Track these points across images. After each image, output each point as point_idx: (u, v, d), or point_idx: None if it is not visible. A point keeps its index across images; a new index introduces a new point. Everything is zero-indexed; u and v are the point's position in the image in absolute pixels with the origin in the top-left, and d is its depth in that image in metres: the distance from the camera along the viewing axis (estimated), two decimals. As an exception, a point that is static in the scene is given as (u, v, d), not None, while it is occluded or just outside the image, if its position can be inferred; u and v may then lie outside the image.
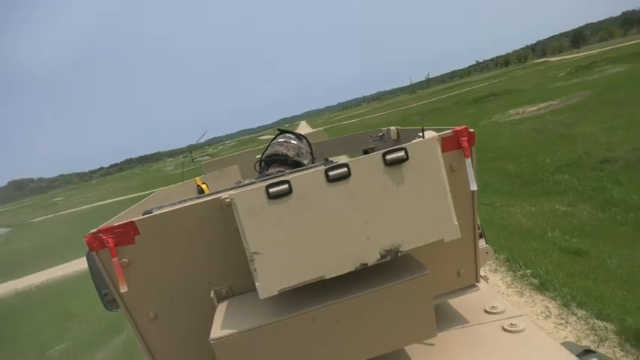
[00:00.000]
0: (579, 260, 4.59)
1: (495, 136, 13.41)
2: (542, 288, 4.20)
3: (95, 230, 1.29)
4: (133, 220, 1.31)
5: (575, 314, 3.70)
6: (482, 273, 1.79)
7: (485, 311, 1.63)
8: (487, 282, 1.97)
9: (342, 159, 1.45)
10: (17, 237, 24.68)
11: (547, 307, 3.87)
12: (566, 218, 6.03)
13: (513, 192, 7.98)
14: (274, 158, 2.20)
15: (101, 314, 7.12)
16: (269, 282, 1.17)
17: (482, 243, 1.93)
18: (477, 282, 1.62)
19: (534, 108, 17.58)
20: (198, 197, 1.58)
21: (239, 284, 1.42)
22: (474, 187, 1.42)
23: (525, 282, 4.41)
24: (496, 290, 1.88)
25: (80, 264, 11.58)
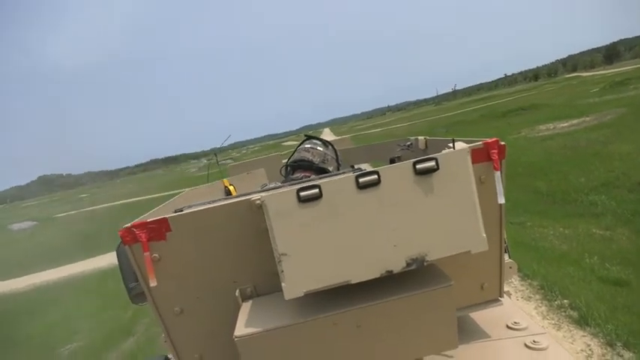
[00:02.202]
0: (621, 292, 4.23)
1: (525, 152, 12.94)
2: (581, 322, 3.86)
3: (129, 225, 1.33)
4: (165, 216, 1.34)
5: (622, 356, 3.36)
6: (505, 288, 1.71)
7: (508, 327, 1.61)
8: (510, 297, 1.93)
9: (368, 167, 1.35)
10: (42, 231, 25.16)
11: (588, 345, 3.55)
12: (603, 243, 5.65)
13: (545, 211, 7.59)
14: (300, 164, 2.22)
15: (113, 315, 7.04)
16: (295, 284, 1.18)
17: (505, 257, 1.84)
18: (500, 296, 1.60)
19: (566, 124, 16.99)
20: (228, 198, 1.62)
21: (264, 285, 1.44)
22: (501, 200, 1.41)
23: (563, 314, 4.07)
24: (518, 306, 1.80)
25: (99, 261, 11.61)
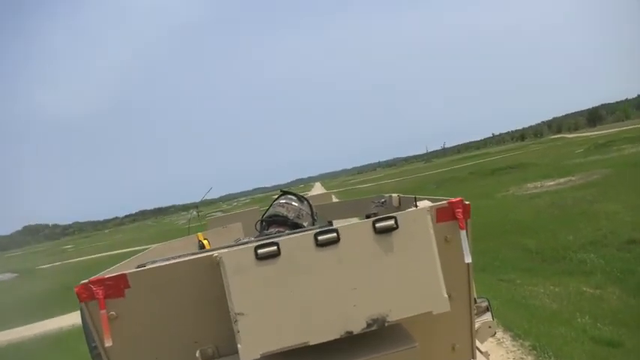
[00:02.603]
0: (615, 353, 4.11)
1: (513, 209, 13.05)
2: (576, 385, 3.71)
3: (86, 281, 1.28)
4: (124, 272, 1.30)
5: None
6: (483, 348, 1.69)
7: None
8: (488, 359, 1.89)
9: (347, 222, 1.35)
10: (22, 283, 24.30)
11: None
12: (594, 302, 5.57)
13: (534, 269, 7.53)
14: (275, 219, 2.23)
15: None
16: (251, 345, 1.13)
17: (487, 316, 1.86)
18: (473, 358, 1.56)
19: (552, 183, 17.26)
20: (192, 254, 1.55)
21: (226, 345, 1.36)
22: (468, 259, 1.38)
23: (556, 376, 3.92)
24: None
25: (76, 317, 11.16)
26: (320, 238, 1.19)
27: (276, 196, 2.44)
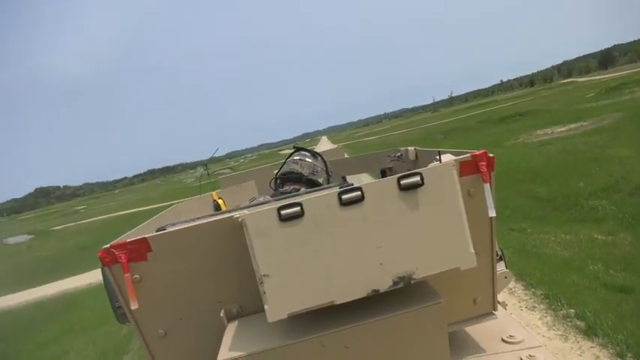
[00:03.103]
0: (628, 299, 4.10)
1: (524, 157, 12.87)
2: (589, 332, 3.71)
3: (108, 245, 1.30)
4: (145, 236, 1.31)
5: (633, 368, 3.21)
6: (500, 299, 1.72)
7: (503, 340, 1.56)
8: (505, 308, 1.91)
9: (360, 177, 1.32)
10: (38, 244, 24.93)
11: (597, 357, 3.40)
12: (606, 249, 5.54)
13: (545, 217, 7.47)
14: (289, 176, 2.22)
15: (107, 331, 6.88)
16: (278, 305, 1.15)
17: (501, 266, 1.85)
18: (494, 310, 1.58)
19: (563, 129, 16.96)
20: (211, 215, 1.58)
21: (250, 304, 1.39)
22: (492, 213, 1.37)
23: (569, 324, 3.93)
24: (513, 318, 1.77)
25: (92, 277, 11.45)
26: (344, 197, 1.17)
27: (289, 153, 2.41)
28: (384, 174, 2.89)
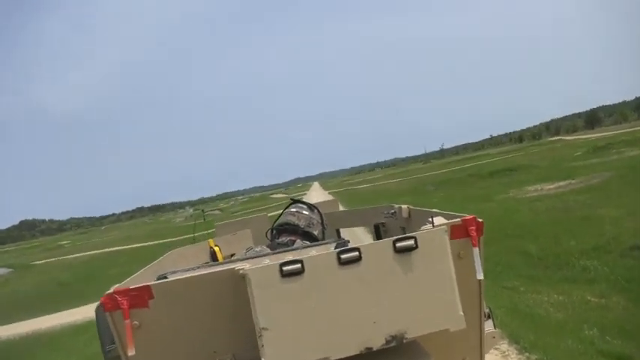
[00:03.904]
0: (625, 369, 3.98)
1: (514, 213, 12.92)
2: (588, 404, 3.56)
3: (112, 291, 1.32)
4: (149, 284, 1.33)
5: None
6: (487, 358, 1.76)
7: None
8: None
9: (354, 231, 1.32)
10: (16, 278, 24.17)
11: None
12: (599, 312, 5.43)
13: (537, 276, 7.38)
14: (286, 227, 2.24)
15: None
16: (275, 358, 1.17)
17: (489, 326, 1.90)
18: None
19: (552, 186, 17.17)
20: (211, 265, 1.66)
21: (243, 355, 1.40)
22: (480, 276, 1.44)
23: (567, 393, 3.77)
24: None
25: (69, 315, 11.00)
26: (343, 256, 1.23)
27: (280, 197, 2.42)
28: (377, 229, 2.92)
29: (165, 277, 1.47)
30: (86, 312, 10.31)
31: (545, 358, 4.27)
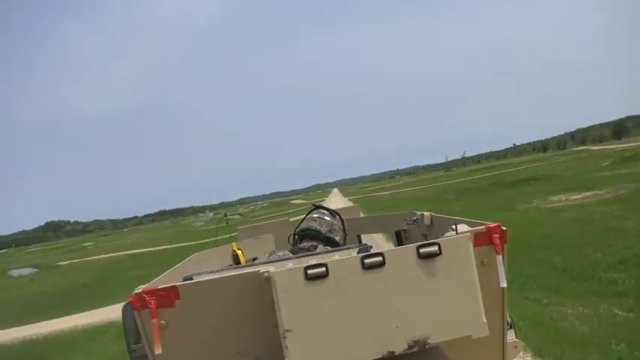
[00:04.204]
0: (655, 387, 3.84)
1: (538, 223, 12.63)
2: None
3: (140, 290, 1.35)
4: (176, 284, 1.37)
5: None
6: None
7: None
8: None
9: (375, 237, 1.31)
10: (41, 278, 24.75)
11: None
12: (627, 327, 5.26)
13: (561, 288, 7.21)
14: (308, 232, 2.27)
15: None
16: None
17: (511, 335, 1.88)
18: None
19: (578, 196, 16.76)
20: (236, 267, 1.74)
21: (265, 356, 1.42)
22: (503, 284, 1.43)
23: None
24: None
25: (90, 317, 11.16)
26: (367, 261, 1.24)
27: (300, 202, 2.43)
28: (398, 236, 2.93)
29: (191, 279, 1.49)
30: (107, 313, 10.48)
31: (572, 373, 4.16)
